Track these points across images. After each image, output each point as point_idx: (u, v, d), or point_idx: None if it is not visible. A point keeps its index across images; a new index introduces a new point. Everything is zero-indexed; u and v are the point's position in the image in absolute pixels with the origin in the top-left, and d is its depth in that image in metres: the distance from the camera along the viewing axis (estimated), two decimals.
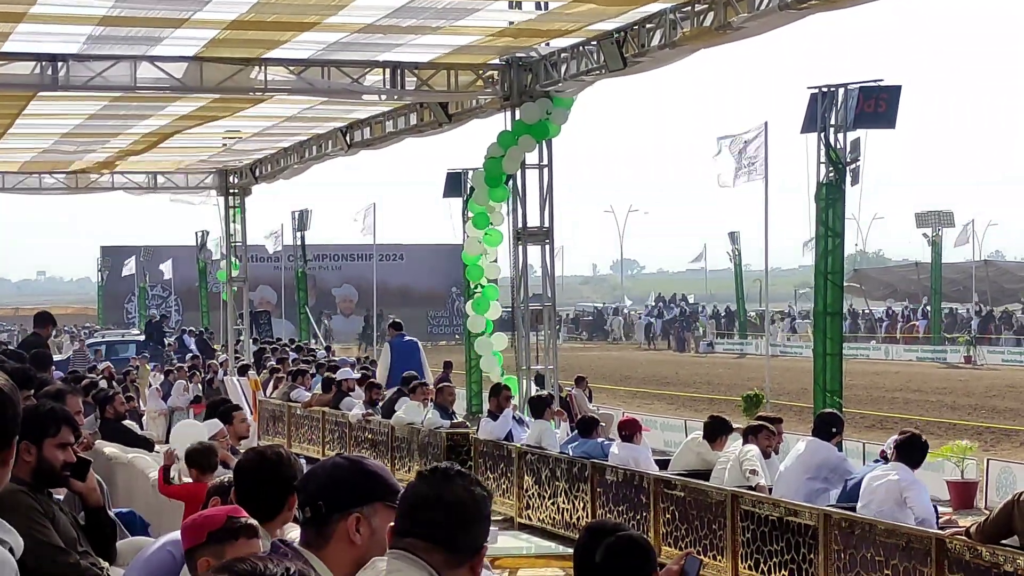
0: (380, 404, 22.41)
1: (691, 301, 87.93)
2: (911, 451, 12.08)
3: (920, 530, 11.03)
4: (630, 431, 15.91)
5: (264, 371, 31.40)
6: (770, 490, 13.33)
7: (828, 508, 12.32)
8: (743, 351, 66.14)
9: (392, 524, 4.19)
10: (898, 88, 20.19)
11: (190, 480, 10.18)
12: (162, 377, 32.36)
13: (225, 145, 29.41)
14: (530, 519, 17.26)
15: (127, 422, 17.87)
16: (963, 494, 19.03)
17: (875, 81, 20.31)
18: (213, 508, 5.71)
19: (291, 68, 20.19)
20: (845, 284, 38.72)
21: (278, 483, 5.63)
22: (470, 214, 22.15)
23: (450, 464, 4.22)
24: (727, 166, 28.35)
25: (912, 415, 31.26)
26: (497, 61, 20.41)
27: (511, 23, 18.06)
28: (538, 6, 17.25)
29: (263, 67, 20.01)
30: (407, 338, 25.57)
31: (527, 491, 17.47)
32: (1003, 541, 10.10)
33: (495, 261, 21.47)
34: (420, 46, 19.48)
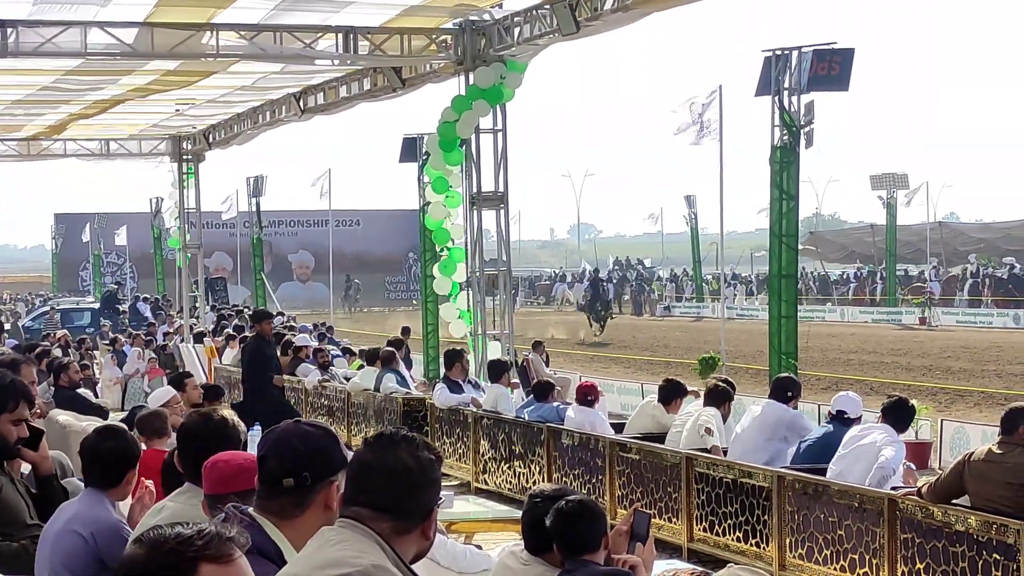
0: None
1: (648, 264, 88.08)
2: (898, 414, 11.79)
3: (873, 491, 11.09)
4: (591, 396, 15.96)
5: (220, 338, 31.31)
6: (725, 452, 13.37)
7: (783, 469, 12.38)
8: (700, 314, 66.33)
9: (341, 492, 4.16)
10: (851, 51, 20.19)
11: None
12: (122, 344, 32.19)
13: (178, 110, 29.25)
14: (486, 483, 17.31)
15: (81, 390, 17.79)
16: (918, 455, 19.15)
17: (828, 44, 20.29)
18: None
19: (242, 33, 20.06)
20: (800, 247, 38.94)
21: (222, 446, 5.60)
22: (426, 179, 22.11)
23: (395, 429, 4.15)
24: (684, 129, 28.47)
25: (867, 377, 31.48)
26: (450, 25, 20.34)
27: None
28: None
29: (214, 32, 19.87)
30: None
31: (483, 456, 17.51)
32: (954, 501, 10.18)
33: (458, 221, 21.49)
34: (373, 5, 19.37)
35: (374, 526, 3.97)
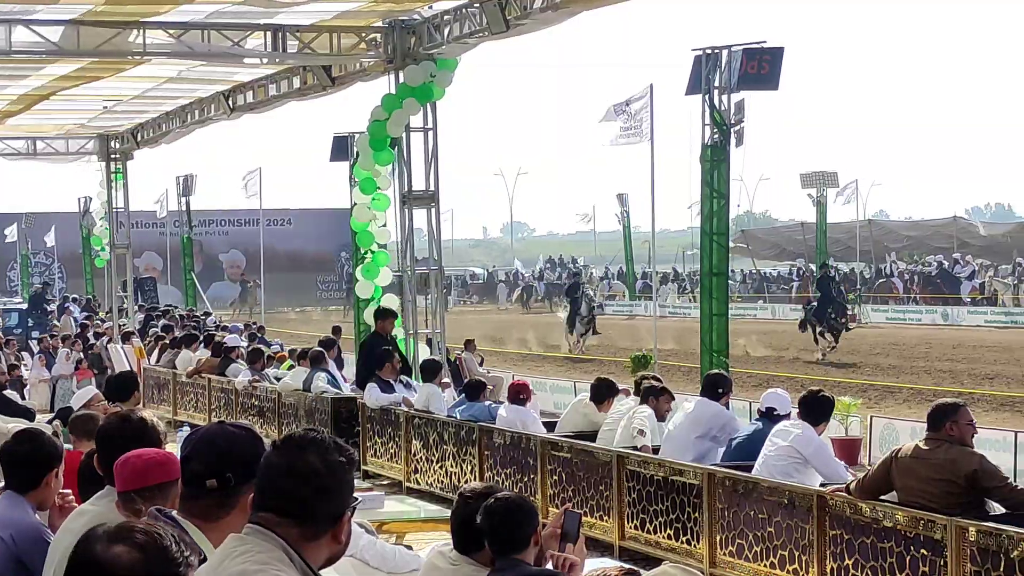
0: None
1: (580, 263, 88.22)
2: (812, 408, 11.79)
3: (802, 487, 11.17)
4: (523, 394, 15.98)
5: (149, 339, 31.09)
6: (656, 450, 13.41)
7: (712, 467, 12.44)
8: (632, 312, 66.50)
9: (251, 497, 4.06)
10: (781, 50, 20.32)
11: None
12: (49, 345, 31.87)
13: (105, 107, 28.97)
14: (418, 483, 17.27)
15: (9, 392, 17.63)
16: (847, 451, 19.27)
17: (758, 43, 20.42)
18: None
19: (170, 32, 19.91)
20: (732, 245, 39.18)
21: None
22: (356, 179, 22.06)
23: (305, 431, 4.03)
24: (617, 128, 28.51)
25: (798, 374, 31.67)
26: (380, 23, 20.29)
27: None
28: None
29: (141, 30, 19.71)
30: None
31: (415, 455, 17.47)
32: (882, 496, 10.25)
33: (384, 226, 21.42)
34: (303, 11, 19.32)
35: (281, 532, 3.86)
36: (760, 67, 19.98)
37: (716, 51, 20.05)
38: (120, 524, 3.28)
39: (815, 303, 39.64)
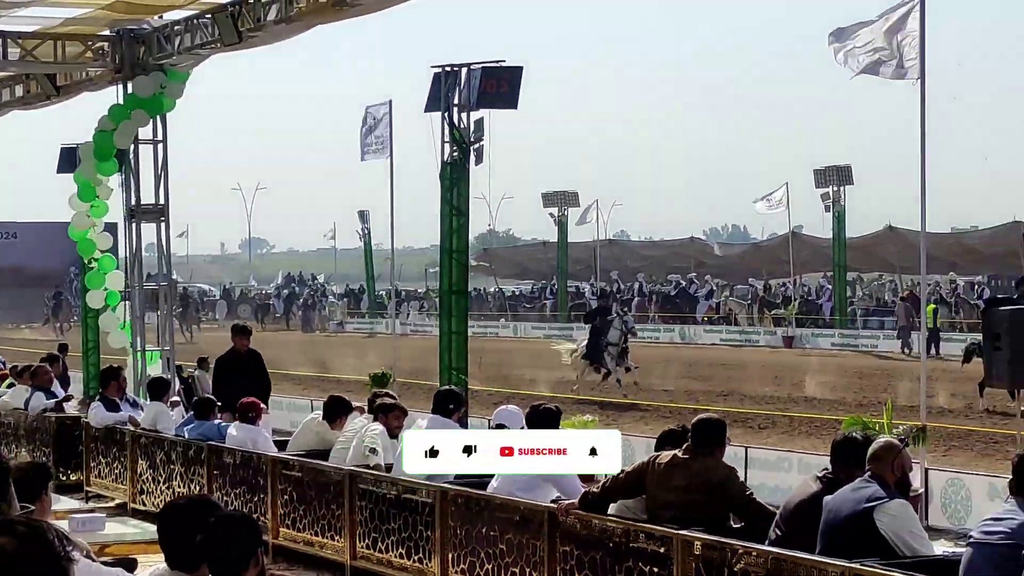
0: None
1: (321, 280, 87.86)
2: (538, 423, 12.00)
3: (533, 504, 11.29)
4: (252, 412, 15.85)
5: None
6: (388, 468, 13.42)
7: (445, 485, 12.49)
8: (373, 330, 66.47)
9: None
10: (520, 69, 20.59)
11: None
12: None
13: None
14: (144, 504, 16.96)
15: None
16: None
17: (497, 62, 20.66)
18: None
19: None
20: (474, 263, 39.51)
21: None
22: (77, 186, 21.62)
23: None
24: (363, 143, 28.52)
25: (541, 392, 32.04)
26: (108, 32, 19.93)
27: None
28: None
29: None
30: None
31: (141, 476, 17.18)
32: (626, 502, 10.44)
33: (104, 231, 21.09)
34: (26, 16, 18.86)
35: None
36: (499, 86, 20.21)
37: (455, 68, 20.22)
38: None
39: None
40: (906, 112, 17.50)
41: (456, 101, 20.16)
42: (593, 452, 10.38)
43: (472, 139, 20.39)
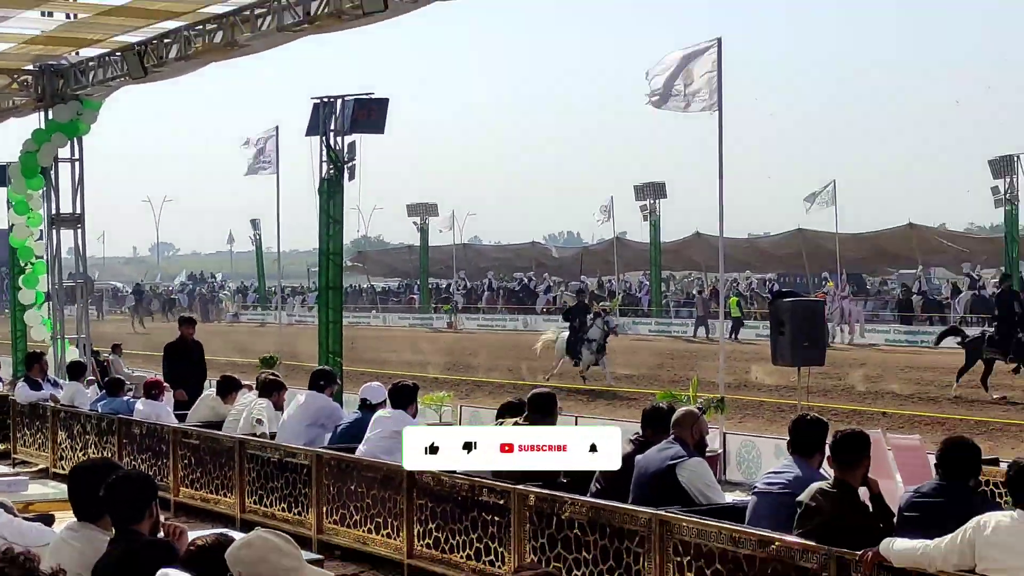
0: None
1: (219, 278, 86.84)
2: (399, 397, 12.13)
3: (395, 465, 11.31)
4: (156, 390, 15.76)
5: None
6: (273, 437, 13.38)
7: (320, 449, 12.50)
8: (264, 321, 65.87)
9: None
10: (386, 100, 20.59)
11: None
12: None
13: None
14: (63, 469, 16.64)
15: None
16: None
17: (367, 94, 20.65)
18: None
19: None
20: (349, 264, 39.52)
21: None
22: (12, 202, 21.42)
23: None
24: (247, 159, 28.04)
25: (406, 372, 32.03)
26: (31, 67, 19.65)
27: (42, 32, 17.45)
28: (67, 16, 16.73)
29: None
30: None
31: (61, 444, 16.93)
32: None
33: (40, 239, 20.85)
34: None
35: None
36: (369, 114, 20.20)
37: (332, 99, 20.18)
38: None
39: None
40: (709, 138, 17.81)
41: (332, 127, 20.10)
42: (593, 448, 9.04)
43: (346, 159, 20.35)
